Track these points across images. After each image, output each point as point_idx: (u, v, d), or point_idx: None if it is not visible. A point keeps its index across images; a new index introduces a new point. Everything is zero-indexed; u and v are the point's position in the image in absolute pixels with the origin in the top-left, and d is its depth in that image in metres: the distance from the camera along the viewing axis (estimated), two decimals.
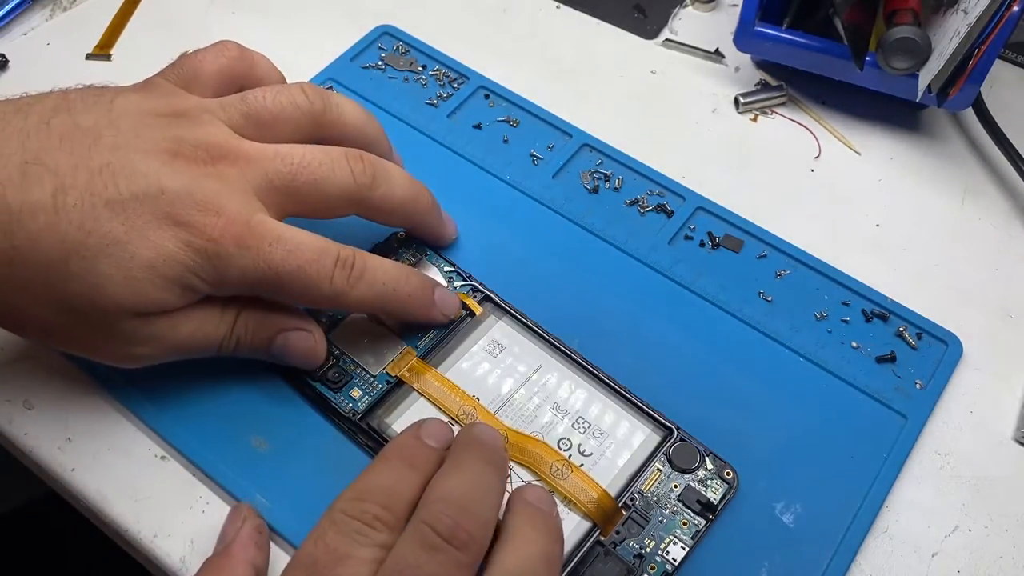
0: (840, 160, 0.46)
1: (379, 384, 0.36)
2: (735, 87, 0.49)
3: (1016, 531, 0.34)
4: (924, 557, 0.34)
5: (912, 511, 0.35)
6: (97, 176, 0.29)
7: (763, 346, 0.38)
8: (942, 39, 0.41)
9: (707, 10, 0.53)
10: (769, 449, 0.35)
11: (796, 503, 0.34)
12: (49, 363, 0.37)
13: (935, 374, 0.38)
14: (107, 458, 0.35)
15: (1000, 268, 0.42)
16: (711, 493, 0.33)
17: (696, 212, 0.42)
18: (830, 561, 0.33)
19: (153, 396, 0.36)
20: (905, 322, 0.39)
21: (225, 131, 0.32)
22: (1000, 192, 0.45)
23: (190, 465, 0.35)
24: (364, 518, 0.28)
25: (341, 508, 0.29)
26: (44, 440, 0.35)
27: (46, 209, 0.29)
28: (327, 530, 0.28)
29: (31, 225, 0.28)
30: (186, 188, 0.30)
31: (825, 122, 0.47)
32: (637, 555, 0.32)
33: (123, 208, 0.29)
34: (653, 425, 0.35)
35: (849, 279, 0.40)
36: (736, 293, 0.40)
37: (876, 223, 0.43)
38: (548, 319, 0.37)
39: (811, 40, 0.45)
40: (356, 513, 0.28)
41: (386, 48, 0.49)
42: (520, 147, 0.45)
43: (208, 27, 0.50)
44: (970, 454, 0.36)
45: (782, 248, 0.41)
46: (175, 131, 0.31)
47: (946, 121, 0.48)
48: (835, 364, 0.38)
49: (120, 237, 0.29)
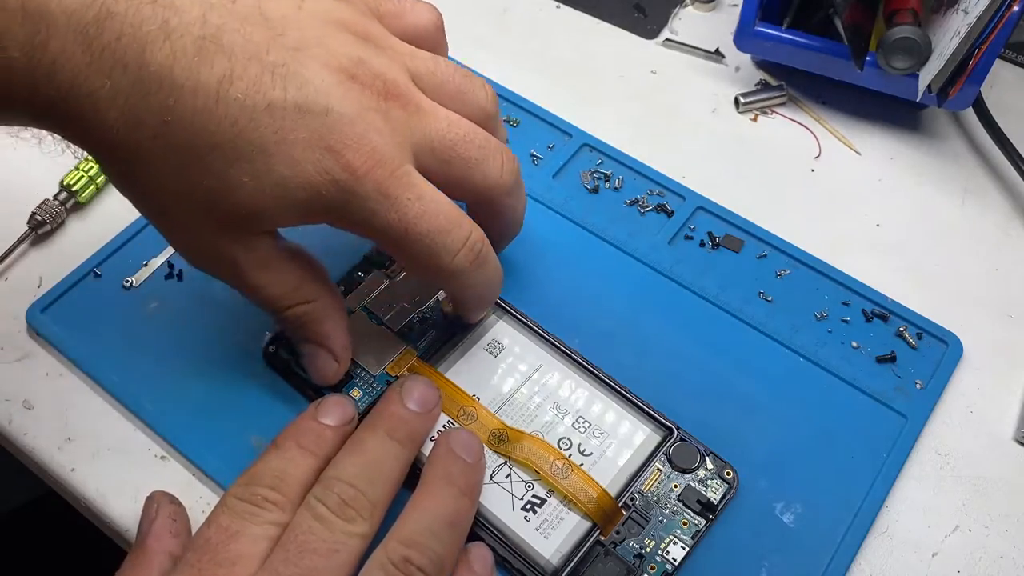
0: (840, 160, 0.46)
1: (379, 384, 0.36)
2: (735, 87, 0.49)
3: (1016, 531, 0.34)
4: (924, 557, 0.34)
5: (912, 511, 0.35)
6: (268, 73, 0.28)
7: (763, 346, 0.38)
8: (942, 39, 0.41)
9: (707, 10, 0.53)
10: (769, 449, 0.35)
11: (796, 503, 0.34)
12: (49, 363, 0.37)
13: (935, 374, 0.38)
14: (107, 458, 0.35)
15: (1000, 268, 0.42)
16: (711, 493, 0.33)
17: (696, 212, 0.42)
18: (830, 561, 0.33)
19: (153, 396, 0.36)
20: (905, 322, 0.39)
21: (406, 73, 0.31)
22: (1000, 192, 0.45)
23: (190, 465, 0.35)
24: (254, 500, 0.29)
25: (232, 493, 0.29)
26: (44, 440, 0.35)
27: (208, 93, 0.27)
28: (220, 514, 0.29)
29: (189, 104, 0.27)
30: (350, 116, 0.29)
31: (825, 122, 0.47)
32: (637, 555, 0.32)
33: (282, 116, 0.28)
34: (653, 425, 0.35)
35: (849, 279, 0.40)
36: (736, 293, 0.40)
37: (876, 223, 0.43)
38: (549, 319, 0.37)
39: (811, 40, 0.45)
40: (246, 496, 0.29)
41: None
42: (520, 147, 0.45)
43: None
44: (970, 454, 0.36)
45: (782, 248, 0.41)
46: (359, 51, 0.30)
47: (946, 121, 0.48)
48: (835, 364, 0.38)
49: (266, 146, 0.28)
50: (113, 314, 0.38)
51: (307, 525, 0.28)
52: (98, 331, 0.37)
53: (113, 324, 0.38)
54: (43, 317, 0.38)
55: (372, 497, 0.29)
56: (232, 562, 0.27)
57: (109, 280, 0.39)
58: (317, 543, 0.28)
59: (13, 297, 0.39)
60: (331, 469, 0.30)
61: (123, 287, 0.39)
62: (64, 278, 0.39)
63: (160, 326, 0.38)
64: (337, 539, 0.28)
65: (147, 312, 0.38)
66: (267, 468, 0.30)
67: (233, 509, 0.29)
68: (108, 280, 0.39)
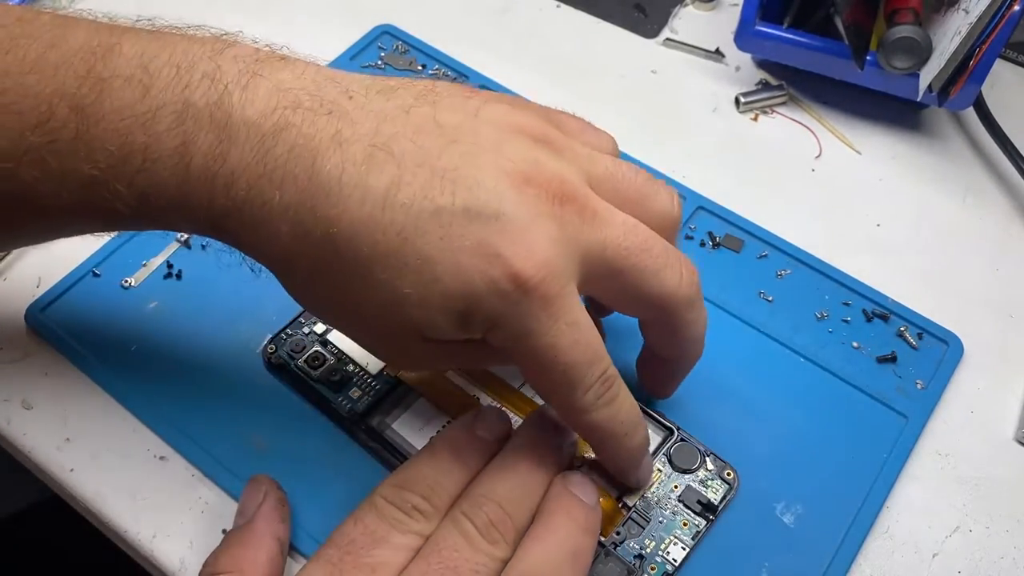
0: (841, 160, 0.46)
1: (378, 384, 0.35)
2: (735, 86, 0.49)
3: (1017, 531, 0.34)
4: (925, 558, 0.34)
5: (913, 511, 0.35)
6: (437, 179, 0.26)
7: (764, 346, 0.38)
8: (943, 38, 0.41)
9: (707, 9, 0.53)
10: (770, 449, 0.35)
11: (797, 503, 0.34)
12: (48, 363, 0.37)
13: (936, 374, 0.38)
14: (106, 458, 0.35)
15: (1001, 268, 0.42)
16: (711, 493, 0.33)
17: (696, 212, 0.42)
18: (831, 562, 0.33)
19: (153, 396, 0.36)
20: (906, 322, 0.39)
21: (583, 176, 0.29)
22: (1001, 192, 0.45)
23: (190, 465, 0.34)
24: (404, 507, 0.29)
25: (383, 494, 0.29)
26: (43, 440, 0.35)
27: (375, 200, 0.26)
28: (367, 513, 0.29)
29: (355, 213, 0.26)
30: (523, 221, 0.26)
31: (826, 121, 0.47)
32: (637, 555, 0.32)
33: (450, 221, 0.26)
34: (654, 425, 0.35)
35: (850, 279, 0.40)
36: (737, 293, 0.40)
37: (877, 223, 0.43)
38: None
39: (812, 39, 0.45)
40: (397, 501, 0.29)
41: (385, 48, 0.49)
42: None
43: (207, 26, 0.50)
44: (971, 454, 0.36)
45: (783, 248, 0.41)
46: (536, 153, 0.28)
47: (947, 120, 0.48)
48: (836, 364, 0.38)
49: (432, 255, 0.26)
50: (112, 314, 0.38)
51: (452, 541, 0.28)
52: (97, 331, 0.37)
53: (112, 324, 0.38)
54: (42, 317, 0.38)
55: (518, 522, 0.29)
56: (372, 568, 0.27)
57: (108, 280, 0.39)
58: (460, 561, 0.27)
59: (12, 297, 0.39)
60: (480, 486, 0.29)
61: (122, 287, 0.39)
62: (63, 278, 0.39)
63: (159, 326, 0.38)
64: (480, 560, 0.27)
65: (146, 312, 0.38)
66: (420, 475, 0.29)
67: (382, 512, 0.28)
68: (107, 280, 0.39)
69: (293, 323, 0.37)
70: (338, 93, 0.27)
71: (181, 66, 0.27)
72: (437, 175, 0.26)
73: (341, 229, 0.26)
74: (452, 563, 0.27)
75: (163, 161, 0.26)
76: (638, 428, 0.30)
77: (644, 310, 0.31)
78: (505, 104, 0.30)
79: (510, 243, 0.26)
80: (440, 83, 0.29)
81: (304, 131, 0.26)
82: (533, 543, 0.28)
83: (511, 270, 0.26)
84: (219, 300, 0.38)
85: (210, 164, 0.26)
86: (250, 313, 0.38)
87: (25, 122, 0.26)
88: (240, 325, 0.38)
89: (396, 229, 0.26)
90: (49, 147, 0.26)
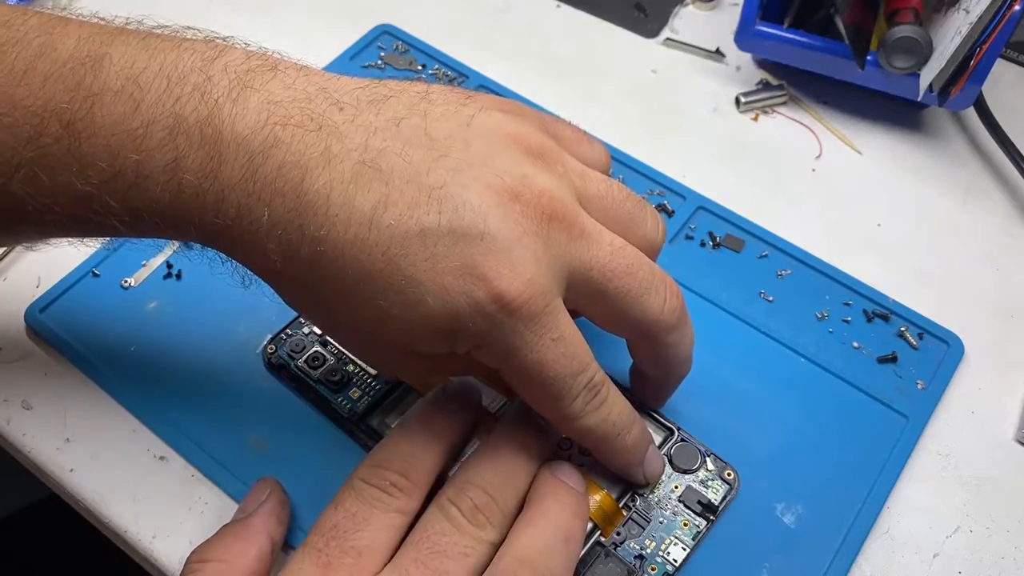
0: (841, 159, 0.46)
1: (377, 384, 0.35)
2: (736, 86, 0.49)
3: (1017, 532, 0.34)
4: (925, 558, 0.34)
5: (913, 512, 0.35)
6: (424, 197, 0.26)
7: (764, 346, 0.38)
8: (943, 38, 0.41)
9: (708, 9, 0.53)
10: (770, 450, 0.35)
11: (797, 504, 0.34)
12: (48, 363, 0.37)
13: (936, 374, 0.38)
14: (106, 458, 0.35)
15: (1002, 268, 0.42)
16: (712, 494, 0.33)
17: (697, 212, 0.42)
18: (831, 562, 0.33)
19: (153, 396, 0.36)
20: (906, 322, 0.39)
21: (573, 193, 0.29)
22: (1002, 192, 0.45)
23: (189, 466, 0.34)
24: (382, 484, 0.29)
25: (360, 476, 0.29)
26: (43, 440, 0.35)
27: (361, 221, 0.26)
28: (347, 496, 0.29)
29: (341, 234, 0.26)
30: (508, 240, 0.26)
31: (826, 121, 0.47)
32: (638, 556, 0.32)
33: (434, 242, 0.26)
34: (654, 426, 0.35)
35: (850, 279, 0.40)
36: (737, 293, 0.40)
37: (877, 223, 0.43)
38: None
39: (812, 39, 0.45)
40: (375, 480, 0.29)
41: (385, 47, 0.49)
42: None
43: (207, 26, 0.50)
44: (971, 454, 0.36)
45: (783, 248, 0.41)
46: (526, 168, 0.28)
47: (947, 120, 0.48)
48: (836, 364, 0.38)
49: (416, 276, 0.26)
50: (112, 314, 0.38)
51: (440, 526, 0.28)
52: (97, 331, 0.37)
53: (112, 324, 0.38)
54: (42, 317, 0.38)
55: (503, 506, 0.29)
56: (359, 552, 0.28)
57: (108, 280, 0.39)
58: (448, 545, 0.28)
59: (12, 297, 0.39)
60: (465, 472, 0.30)
61: (122, 287, 0.39)
62: (63, 278, 0.39)
63: (159, 326, 0.38)
64: (468, 543, 0.28)
65: (146, 312, 0.38)
66: (395, 452, 0.30)
67: (361, 494, 0.29)
68: (107, 280, 0.39)
69: (293, 323, 0.37)
70: (328, 105, 0.27)
71: (171, 78, 0.26)
72: (424, 193, 0.26)
73: (328, 249, 0.26)
74: (441, 547, 0.28)
75: (155, 177, 0.26)
76: (632, 427, 0.31)
77: (627, 332, 0.31)
78: (500, 112, 0.29)
79: (494, 263, 0.26)
80: (435, 88, 0.29)
81: (293, 148, 0.26)
82: (525, 527, 0.29)
83: (495, 291, 0.26)
84: (219, 300, 0.38)
85: (201, 181, 0.26)
86: (250, 313, 0.38)
87: (17, 136, 0.26)
88: (240, 325, 0.37)
89: (382, 250, 0.26)
90: (41, 162, 0.26)
